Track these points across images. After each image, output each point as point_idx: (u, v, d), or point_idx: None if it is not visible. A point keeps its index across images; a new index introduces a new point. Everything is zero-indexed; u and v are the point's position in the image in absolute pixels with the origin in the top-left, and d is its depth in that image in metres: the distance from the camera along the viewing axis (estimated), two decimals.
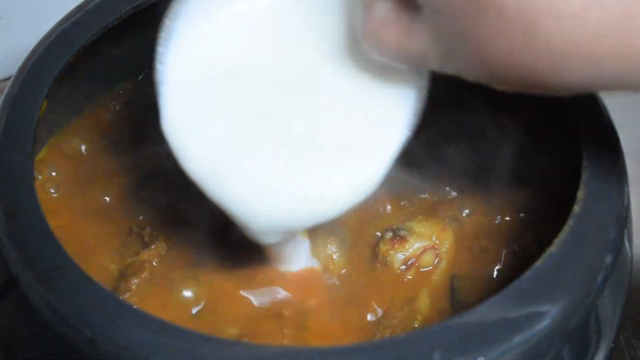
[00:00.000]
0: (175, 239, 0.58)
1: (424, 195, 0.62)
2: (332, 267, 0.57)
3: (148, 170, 0.62)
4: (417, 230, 0.58)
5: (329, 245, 0.58)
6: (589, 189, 0.52)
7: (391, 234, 0.58)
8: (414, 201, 0.62)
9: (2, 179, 0.51)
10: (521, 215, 0.61)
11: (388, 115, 0.50)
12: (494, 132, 0.67)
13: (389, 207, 0.61)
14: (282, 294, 0.55)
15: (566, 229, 0.50)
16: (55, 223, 0.50)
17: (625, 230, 0.53)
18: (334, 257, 0.58)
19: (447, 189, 0.63)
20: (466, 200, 0.62)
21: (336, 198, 0.48)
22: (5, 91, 0.57)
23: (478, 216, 0.61)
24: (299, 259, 0.56)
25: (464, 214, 0.61)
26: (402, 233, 0.58)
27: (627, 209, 0.54)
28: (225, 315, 0.54)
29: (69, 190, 0.60)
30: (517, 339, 0.45)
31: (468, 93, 0.69)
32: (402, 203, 0.61)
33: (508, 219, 0.61)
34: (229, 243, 0.58)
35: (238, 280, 0.56)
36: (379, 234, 0.59)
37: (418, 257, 0.58)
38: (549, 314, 0.47)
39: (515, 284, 0.48)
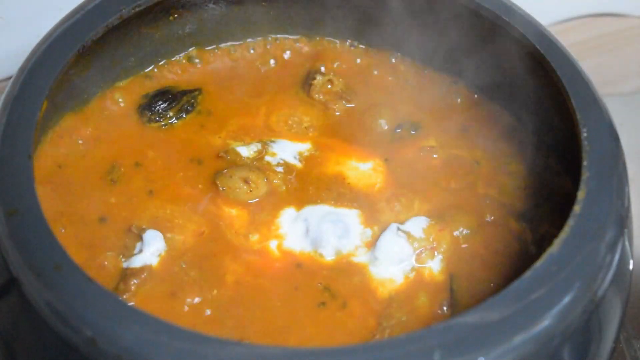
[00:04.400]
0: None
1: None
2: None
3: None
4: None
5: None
6: (589, 189, 0.52)
7: None
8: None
9: (2, 179, 0.51)
10: (521, 215, 0.61)
11: None
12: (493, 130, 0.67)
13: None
14: None
15: (566, 229, 0.50)
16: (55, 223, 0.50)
17: (625, 230, 0.53)
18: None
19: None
20: (466, 200, 0.62)
21: None
22: (5, 91, 0.57)
23: (477, 216, 0.61)
24: None
25: (463, 214, 0.61)
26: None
27: (627, 209, 0.54)
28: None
29: (67, 190, 0.60)
30: (517, 339, 0.45)
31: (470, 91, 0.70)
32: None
33: (508, 218, 0.61)
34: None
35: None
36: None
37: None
38: (549, 314, 0.47)
39: (515, 284, 0.48)
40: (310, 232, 0.59)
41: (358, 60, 0.72)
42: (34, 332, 0.47)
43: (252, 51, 0.72)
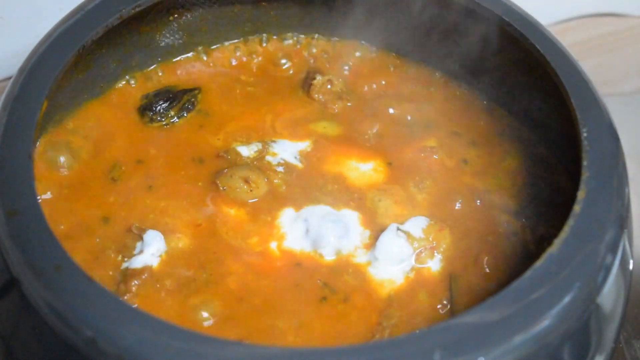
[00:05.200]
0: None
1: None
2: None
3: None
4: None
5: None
6: (589, 189, 0.52)
7: None
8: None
9: (2, 179, 0.51)
10: (521, 215, 0.61)
11: None
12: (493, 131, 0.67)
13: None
14: None
15: (566, 229, 0.50)
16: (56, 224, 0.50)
17: (625, 230, 0.53)
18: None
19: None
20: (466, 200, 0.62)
21: None
22: (5, 91, 0.57)
23: (477, 216, 0.61)
24: None
25: (464, 215, 0.61)
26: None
27: (627, 209, 0.54)
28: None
29: (67, 189, 0.60)
30: (517, 339, 0.45)
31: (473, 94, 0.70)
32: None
33: (508, 218, 0.61)
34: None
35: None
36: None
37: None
38: (549, 314, 0.47)
39: (515, 284, 0.48)
40: (310, 232, 0.59)
41: (358, 60, 0.72)
42: (34, 332, 0.47)
43: (251, 51, 0.72)
